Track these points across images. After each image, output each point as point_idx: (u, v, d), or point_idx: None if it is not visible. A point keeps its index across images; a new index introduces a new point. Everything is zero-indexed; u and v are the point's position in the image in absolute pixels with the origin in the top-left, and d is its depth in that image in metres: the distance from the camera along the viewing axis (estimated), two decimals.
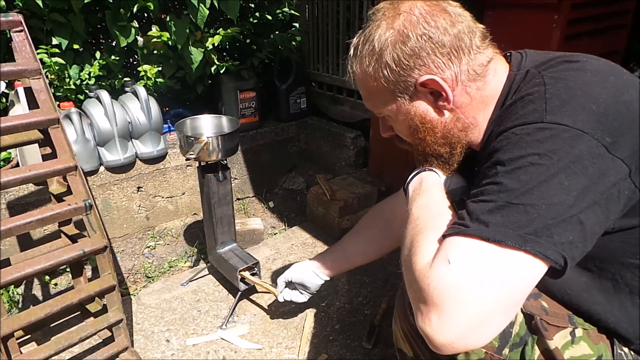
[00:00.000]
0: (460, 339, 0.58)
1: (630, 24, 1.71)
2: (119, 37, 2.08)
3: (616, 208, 0.64)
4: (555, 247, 0.60)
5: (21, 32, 1.26)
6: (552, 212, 0.60)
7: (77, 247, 1.20)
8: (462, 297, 0.58)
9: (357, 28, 2.47)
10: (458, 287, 0.58)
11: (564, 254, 0.60)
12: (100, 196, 2.06)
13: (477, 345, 0.61)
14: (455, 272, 0.59)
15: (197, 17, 2.10)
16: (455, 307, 0.58)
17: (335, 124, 2.71)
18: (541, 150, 0.62)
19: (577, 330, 0.77)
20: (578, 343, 0.76)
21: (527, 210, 0.60)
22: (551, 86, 0.67)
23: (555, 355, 0.75)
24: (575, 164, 0.60)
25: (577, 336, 0.77)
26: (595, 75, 0.68)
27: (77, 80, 2.09)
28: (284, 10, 2.99)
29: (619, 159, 0.62)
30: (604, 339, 0.78)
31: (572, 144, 0.61)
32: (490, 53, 0.78)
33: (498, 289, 0.59)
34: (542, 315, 0.77)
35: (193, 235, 2.24)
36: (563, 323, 0.77)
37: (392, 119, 0.86)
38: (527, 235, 0.59)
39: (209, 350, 1.49)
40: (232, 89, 2.42)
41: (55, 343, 1.19)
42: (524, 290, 0.62)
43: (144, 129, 2.04)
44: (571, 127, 0.61)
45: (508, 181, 0.63)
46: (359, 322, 1.60)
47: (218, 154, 1.54)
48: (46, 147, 1.33)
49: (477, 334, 0.59)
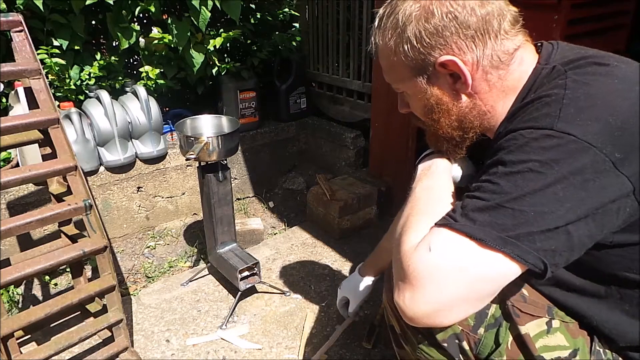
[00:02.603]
0: (427, 316, 0.65)
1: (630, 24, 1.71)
2: (120, 39, 2.08)
3: (612, 223, 0.63)
4: (536, 252, 0.61)
5: (21, 32, 1.26)
6: (539, 221, 0.61)
7: (77, 247, 1.20)
8: (434, 282, 0.63)
9: (357, 28, 2.48)
10: (432, 273, 0.63)
11: (544, 259, 0.62)
12: (100, 196, 2.06)
13: (442, 325, 0.67)
14: (433, 260, 0.64)
15: (198, 19, 2.11)
16: (426, 291, 0.63)
17: (335, 124, 2.71)
18: (544, 158, 0.61)
19: (554, 321, 0.77)
20: (553, 333, 0.76)
21: (515, 215, 0.62)
22: (572, 90, 0.65)
23: (526, 340, 0.76)
24: (575, 176, 0.60)
25: (553, 327, 0.77)
26: (621, 83, 0.65)
27: (78, 80, 2.10)
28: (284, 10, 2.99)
29: (625, 176, 0.60)
30: (585, 334, 0.78)
31: (576, 156, 0.60)
32: (519, 40, 0.74)
33: (468, 282, 0.63)
34: (518, 302, 0.78)
35: (193, 235, 2.24)
36: (539, 313, 0.78)
37: (409, 96, 0.84)
38: (509, 238, 0.61)
39: (209, 350, 1.49)
40: (232, 89, 2.43)
41: (55, 343, 1.19)
42: (495, 287, 0.65)
43: (144, 129, 2.04)
44: (580, 138, 0.60)
45: (504, 183, 0.63)
46: (359, 322, 1.59)
47: (218, 154, 1.54)
48: (46, 147, 1.33)
49: (442, 316, 0.65)
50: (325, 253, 2.03)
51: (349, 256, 1.99)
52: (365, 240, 2.09)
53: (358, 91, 2.57)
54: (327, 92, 2.83)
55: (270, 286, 1.77)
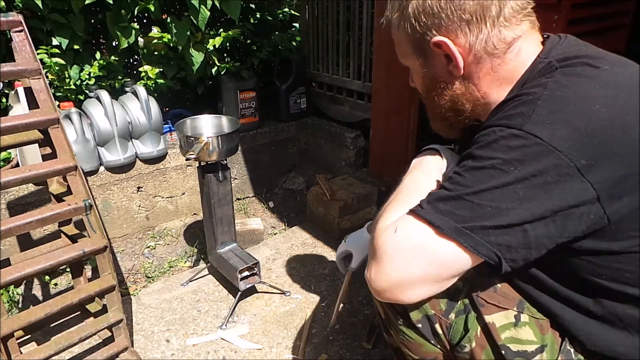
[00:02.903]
0: (388, 290, 0.71)
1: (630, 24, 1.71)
2: (120, 38, 2.08)
3: (575, 228, 0.64)
4: (489, 245, 0.64)
5: (21, 32, 1.26)
6: (495, 216, 0.63)
7: (77, 247, 1.20)
8: (394, 261, 0.68)
9: (357, 28, 2.48)
10: (394, 252, 0.69)
11: (498, 253, 0.64)
12: (100, 196, 2.06)
13: (404, 301, 0.71)
14: (396, 241, 0.69)
15: (198, 19, 2.11)
16: (387, 267, 0.69)
17: (335, 124, 2.71)
18: (508, 156, 0.63)
19: (523, 315, 0.79)
20: (521, 327, 0.78)
21: (473, 208, 0.64)
22: (550, 92, 0.65)
23: (491, 330, 0.79)
24: (536, 178, 0.61)
25: (521, 321, 0.78)
26: (604, 89, 0.64)
27: (77, 80, 2.09)
28: (284, 10, 2.99)
29: (589, 183, 0.60)
30: (556, 334, 0.78)
31: (539, 159, 0.61)
32: (521, 30, 0.72)
33: (425, 264, 0.68)
34: (487, 292, 0.81)
35: (193, 235, 2.24)
36: (508, 305, 0.80)
37: (412, 72, 0.86)
38: (464, 229, 0.64)
39: (209, 350, 1.49)
40: (232, 89, 2.43)
41: (55, 343, 1.19)
42: (451, 272, 0.69)
43: (144, 129, 2.04)
44: (545, 141, 0.61)
45: (469, 176, 0.66)
46: (359, 322, 1.60)
47: (218, 154, 1.54)
48: (46, 147, 1.33)
49: (402, 292, 0.70)
50: (325, 253, 2.03)
51: None
52: None
53: (358, 91, 2.57)
54: (327, 92, 2.83)
55: (270, 286, 1.77)
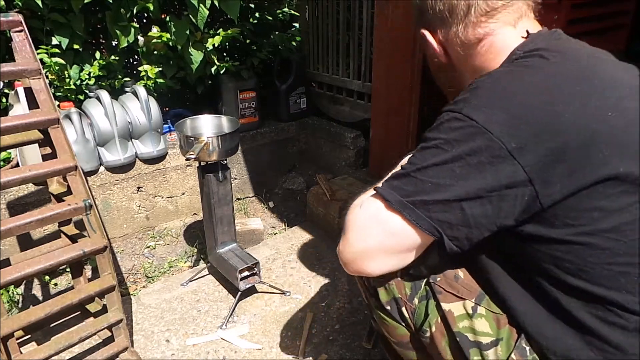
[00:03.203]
0: (352, 261, 0.76)
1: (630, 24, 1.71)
2: (119, 37, 2.08)
3: (511, 209, 0.67)
4: (430, 220, 0.69)
5: (21, 32, 1.26)
6: (434, 191, 0.68)
7: (77, 247, 1.20)
8: (355, 232, 0.75)
9: (357, 28, 2.48)
10: (356, 224, 0.76)
11: (440, 229, 0.69)
12: (100, 196, 2.06)
13: (368, 271, 0.77)
14: (358, 216, 0.76)
15: (197, 18, 2.11)
16: (350, 238, 0.76)
17: (335, 124, 2.71)
18: (448, 137, 0.68)
19: (480, 308, 0.81)
20: (477, 319, 0.81)
21: (416, 183, 0.70)
22: (494, 80, 0.72)
23: (447, 317, 0.83)
24: (471, 157, 0.66)
25: (477, 312, 0.81)
26: (546, 79, 0.69)
27: (77, 80, 2.09)
28: (284, 10, 2.99)
29: (520, 165, 0.64)
30: (514, 330, 0.80)
31: (474, 139, 0.66)
32: (491, 29, 0.79)
33: (380, 236, 0.73)
34: (447, 280, 0.85)
35: (193, 235, 2.24)
36: (467, 296, 0.83)
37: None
38: (408, 203, 0.70)
39: (209, 350, 1.49)
40: (232, 89, 2.43)
41: (55, 343, 1.19)
42: (403, 243, 0.73)
43: (144, 129, 2.04)
44: (479, 124, 0.66)
45: (418, 155, 0.72)
46: (359, 322, 1.60)
47: (218, 154, 1.54)
48: (46, 147, 1.33)
49: (364, 263, 0.75)
50: (325, 253, 2.03)
51: None
52: None
53: (358, 91, 2.57)
54: (327, 92, 2.83)
55: (270, 286, 1.78)
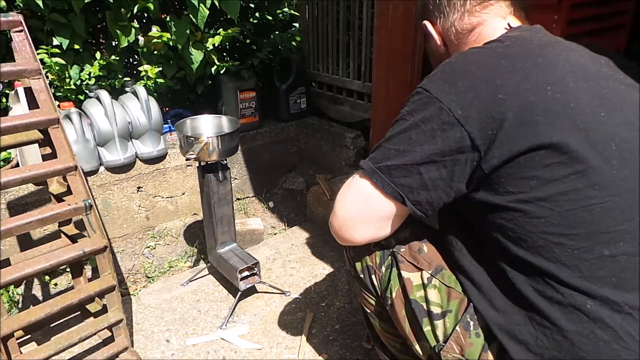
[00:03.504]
0: (339, 230, 0.85)
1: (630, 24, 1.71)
2: (119, 37, 2.08)
3: (462, 174, 0.73)
4: (393, 185, 0.77)
5: (21, 32, 1.26)
6: (396, 157, 0.76)
7: (77, 247, 1.20)
8: (338, 202, 0.84)
9: (357, 28, 2.48)
10: (339, 196, 0.84)
11: (402, 193, 0.77)
12: (100, 196, 2.06)
13: (352, 239, 0.85)
14: (342, 187, 0.85)
15: (197, 18, 2.10)
16: (335, 209, 0.85)
17: (335, 124, 2.71)
18: (409, 108, 0.77)
19: (434, 280, 0.87)
20: (430, 289, 0.86)
21: (384, 151, 0.78)
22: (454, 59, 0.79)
23: (406, 285, 0.89)
24: (424, 124, 0.74)
25: (431, 283, 0.87)
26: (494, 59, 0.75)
27: (77, 80, 2.09)
28: (284, 10, 2.99)
29: (466, 132, 0.70)
30: (463, 304, 0.83)
31: (427, 108, 0.74)
32: (485, 18, 0.86)
33: (357, 203, 0.82)
34: (410, 251, 0.91)
35: (193, 235, 2.24)
36: (425, 267, 0.89)
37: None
38: (377, 169, 0.78)
39: (209, 350, 1.49)
40: (232, 89, 2.42)
41: (55, 343, 1.19)
42: (376, 211, 0.81)
43: (144, 129, 2.04)
44: (432, 94, 0.74)
45: (390, 128, 0.80)
46: (359, 322, 1.60)
47: (218, 154, 1.54)
48: (46, 147, 1.33)
49: (348, 231, 0.84)
50: (325, 253, 2.03)
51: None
52: None
53: (358, 91, 2.56)
54: (327, 92, 2.83)
55: (270, 286, 1.78)
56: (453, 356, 0.81)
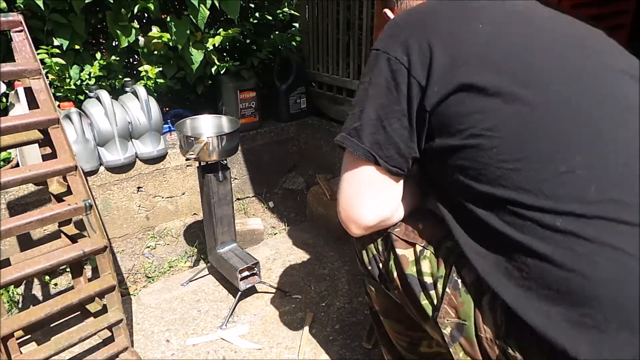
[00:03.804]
0: (346, 217, 0.85)
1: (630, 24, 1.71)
2: (120, 37, 2.08)
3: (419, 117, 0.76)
4: (363, 146, 0.79)
5: (21, 32, 1.26)
6: (360, 117, 0.79)
7: (77, 247, 1.20)
8: (338, 190, 0.86)
9: (357, 28, 2.48)
10: (339, 184, 0.87)
11: (372, 152, 0.78)
12: (100, 196, 2.06)
13: (359, 221, 0.84)
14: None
15: (197, 18, 2.11)
16: (338, 198, 0.86)
17: (335, 124, 2.71)
18: (365, 70, 0.81)
19: (426, 251, 0.87)
20: (422, 260, 0.86)
21: (351, 118, 0.82)
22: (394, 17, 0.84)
23: (401, 261, 0.89)
24: (377, 78, 0.77)
25: (423, 255, 0.86)
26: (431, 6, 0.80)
27: (77, 80, 2.09)
28: (284, 10, 2.99)
29: (413, 76, 0.74)
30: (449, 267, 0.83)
31: (377, 63, 0.78)
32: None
33: (347, 180, 0.84)
34: (407, 231, 0.91)
35: (193, 235, 2.24)
36: (418, 242, 0.88)
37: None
38: (347, 135, 0.81)
39: (209, 350, 1.49)
40: (232, 89, 2.42)
41: (55, 343, 1.19)
42: (364, 179, 0.82)
43: (144, 129, 2.04)
44: (379, 50, 0.78)
45: None
46: (359, 322, 1.60)
47: (218, 154, 1.54)
48: (46, 147, 1.33)
49: (353, 212, 0.84)
50: (325, 253, 2.03)
51: (349, 256, 2.00)
52: None
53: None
54: (327, 92, 2.83)
55: (270, 286, 1.78)
56: (450, 320, 0.79)
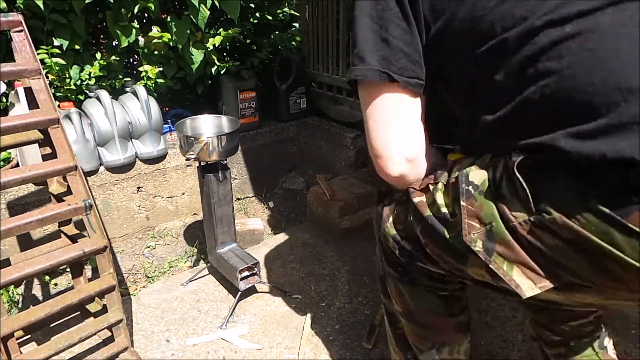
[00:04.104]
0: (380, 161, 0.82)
1: None
2: (120, 37, 2.08)
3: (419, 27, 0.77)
4: (373, 67, 0.77)
5: (21, 32, 1.26)
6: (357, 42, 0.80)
7: (77, 247, 1.20)
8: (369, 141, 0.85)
9: None
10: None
11: (383, 70, 0.77)
12: (100, 196, 2.06)
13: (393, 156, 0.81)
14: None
15: (197, 18, 2.11)
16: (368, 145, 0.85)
17: (335, 124, 2.71)
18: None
19: (438, 185, 0.81)
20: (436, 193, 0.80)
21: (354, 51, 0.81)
22: None
23: (419, 208, 0.82)
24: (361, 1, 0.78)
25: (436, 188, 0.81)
26: None
27: (78, 80, 2.09)
28: (284, 10, 2.99)
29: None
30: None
31: None
32: None
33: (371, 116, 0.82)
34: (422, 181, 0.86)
35: (193, 235, 2.24)
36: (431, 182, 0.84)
37: None
38: (353, 67, 0.81)
39: (209, 350, 1.49)
40: (232, 89, 2.42)
41: (55, 343, 1.19)
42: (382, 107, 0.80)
43: (144, 129, 2.04)
44: None
45: None
46: (359, 322, 1.60)
47: (218, 154, 1.54)
48: (46, 147, 1.33)
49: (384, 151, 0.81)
50: (325, 253, 2.03)
51: (349, 256, 2.00)
52: (365, 240, 2.09)
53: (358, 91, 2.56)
54: (327, 92, 2.83)
55: (270, 286, 1.78)
56: (477, 233, 0.70)
